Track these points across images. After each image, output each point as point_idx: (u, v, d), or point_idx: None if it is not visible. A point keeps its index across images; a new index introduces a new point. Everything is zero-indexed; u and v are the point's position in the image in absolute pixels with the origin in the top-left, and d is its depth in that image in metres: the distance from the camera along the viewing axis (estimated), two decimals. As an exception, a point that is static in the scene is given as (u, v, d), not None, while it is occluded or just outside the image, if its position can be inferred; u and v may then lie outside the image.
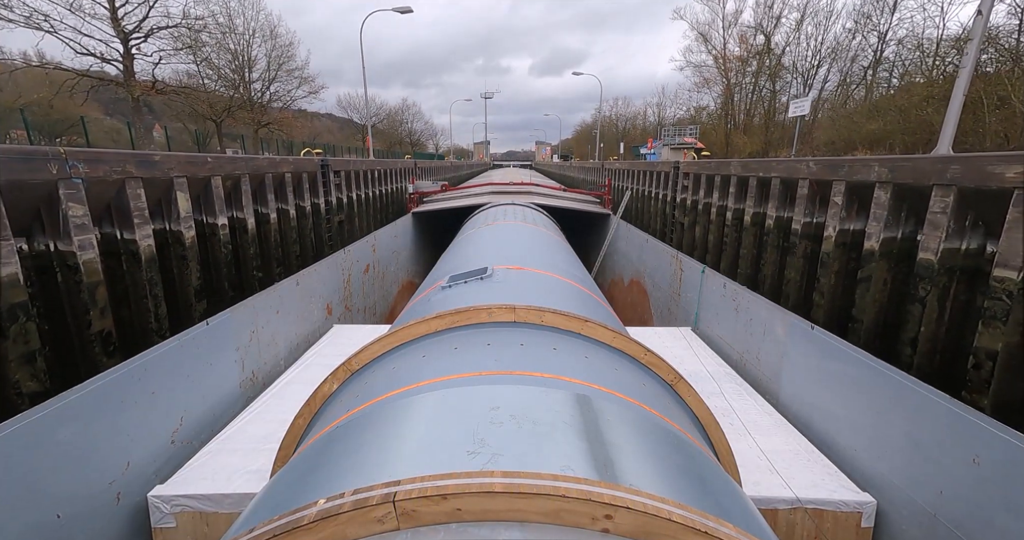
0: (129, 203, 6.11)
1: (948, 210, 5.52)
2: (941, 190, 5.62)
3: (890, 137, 16.21)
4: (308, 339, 10.39)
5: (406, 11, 21.56)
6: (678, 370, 3.55)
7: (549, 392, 2.55)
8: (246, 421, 6.72)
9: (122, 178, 6.01)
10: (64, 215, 5.25)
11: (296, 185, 11.00)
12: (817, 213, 8.07)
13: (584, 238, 22.64)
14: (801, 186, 8.29)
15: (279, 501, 2.02)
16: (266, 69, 34.23)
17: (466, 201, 20.76)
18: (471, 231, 11.04)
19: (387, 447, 2.16)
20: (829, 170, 7.54)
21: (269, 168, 9.79)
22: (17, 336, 4.75)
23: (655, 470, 2.09)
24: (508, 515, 1.57)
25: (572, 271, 7.21)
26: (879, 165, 6.49)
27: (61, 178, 5.22)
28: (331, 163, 12.93)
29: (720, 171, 11.41)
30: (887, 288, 6.52)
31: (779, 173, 8.93)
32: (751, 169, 9.94)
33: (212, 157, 7.97)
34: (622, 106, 78.19)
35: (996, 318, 4.91)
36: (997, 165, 4.95)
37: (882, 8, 26.54)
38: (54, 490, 4.57)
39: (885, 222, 6.46)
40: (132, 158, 6.16)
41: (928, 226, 5.79)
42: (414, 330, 3.68)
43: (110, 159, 5.87)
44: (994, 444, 4.29)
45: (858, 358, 5.97)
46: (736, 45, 38.42)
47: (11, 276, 4.71)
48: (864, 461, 5.79)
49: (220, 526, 5.13)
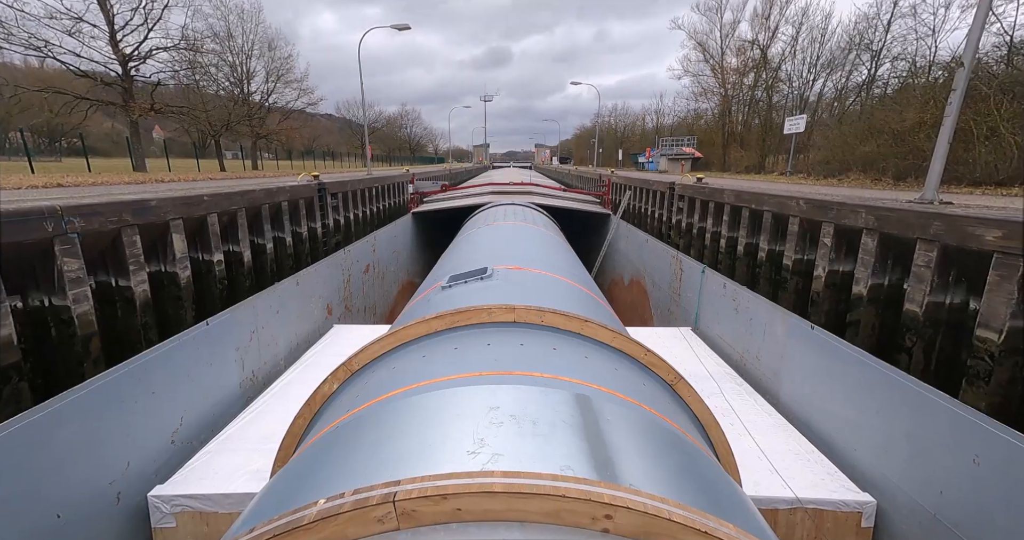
0: (125, 251, 6.06)
1: (932, 265, 5.48)
2: (925, 244, 5.57)
3: (883, 160, 16.27)
4: (308, 339, 10.39)
5: (403, 28, 21.65)
6: (678, 370, 3.55)
7: (549, 392, 2.55)
8: (246, 421, 6.73)
9: (118, 228, 5.94)
10: (59, 270, 5.17)
11: (292, 212, 10.79)
12: (808, 250, 7.99)
13: (584, 238, 22.63)
14: (792, 222, 8.22)
15: (279, 501, 2.02)
16: (264, 81, 34.42)
17: (466, 201, 20.76)
18: (471, 231, 11.04)
19: (387, 447, 2.16)
20: (818, 211, 7.48)
21: (265, 199, 9.60)
22: (9, 397, 4.71)
23: (655, 470, 2.09)
24: (508, 515, 1.57)
25: (572, 271, 7.21)
26: (866, 212, 6.44)
27: (57, 235, 5.12)
28: (328, 186, 12.64)
29: (714, 198, 11.34)
30: (875, 334, 6.46)
31: (771, 207, 8.89)
32: (744, 200, 9.90)
33: (209, 196, 7.81)
34: (621, 111, 78.35)
35: (979, 377, 4.88)
36: (978, 227, 4.95)
37: (875, 26, 26.53)
38: (54, 490, 4.57)
39: (872, 269, 6.38)
40: (128, 207, 6.08)
41: (913, 278, 5.74)
42: (414, 330, 3.68)
43: (106, 211, 5.77)
44: (994, 444, 4.29)
45: (858, 358, 5.97)
46: (733, 56, 38.53)
47: (5, 338, 4.64)
48: (864, 461, 5.80)
49: (220, 526, 5.13)
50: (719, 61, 39.35)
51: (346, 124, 76.01)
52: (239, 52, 32.52)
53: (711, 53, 39.80)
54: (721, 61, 39.27)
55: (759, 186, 13.93)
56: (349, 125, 74.38)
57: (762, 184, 17.13)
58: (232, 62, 31.44)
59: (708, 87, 41.22)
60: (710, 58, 39.89)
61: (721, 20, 38.98)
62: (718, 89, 39.38)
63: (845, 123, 22.93)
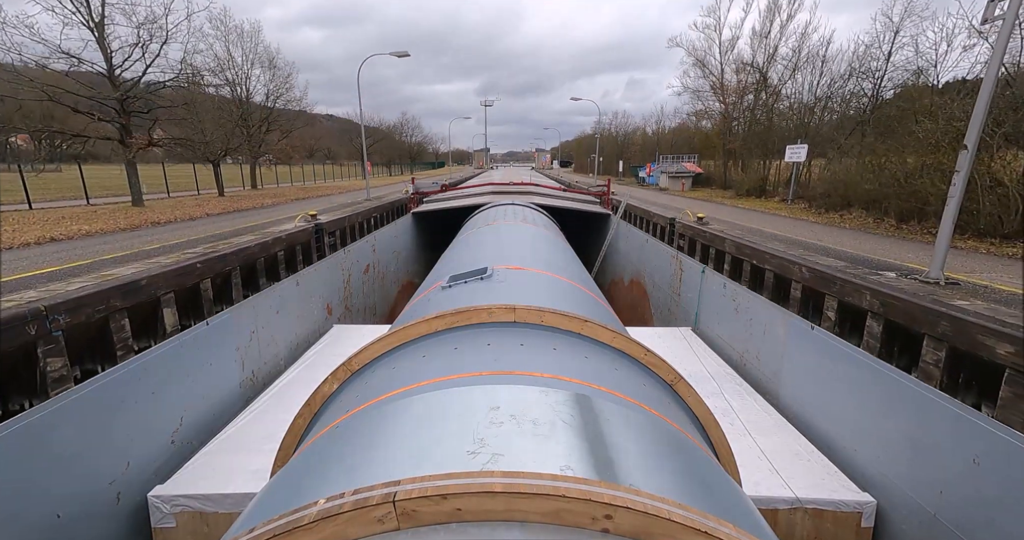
0: (112, 337, 5.64)
1: (940, 365, 5.10)
2: (933, 342, 5.21)
3: (886, 200, 16.20)
4: (308, 339, 10.39)
5: (403, 55, 21.74)
6: (678, 370, 3.55)
7: (549, 392, 2.55)
8: (246, 421, 6.73)
9: (105, 315, 5.55)
10: (42, 372, 4.79)
11: (289, 259, 10.42)
12: (812, 315, 7.47)
13: (584, 238, 22.63)
14: (795, 288, 7.80)
15: (279, 501, 2.02)
16: (264, 100, 34.65)
17: (466, 201, 20.76)
18: (471, 231, 11.04)
19: (387, 447, 2.16)
20: (821, 282, 7.09)
21: (261, 253, 9.21)
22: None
23: (655, 470, 2.09)
24: (508, 515, 1.57)
25: (572, 271, 7.20)
26: (871, 295, 6.10)
27: (40, 336, 4.76)
28: (325, 226, 12.32)
29: (714, 244, 11.05)
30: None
31: (772, 267, 8.51)
32: (745, 254, 9.57)
33: (201, 263, 7.35)
34: (621, 120, 78.21)
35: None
36: (988, 337, 4.63)
37: (877, 55, 26.30)
38: (54, 490, 4.57)
39: (878, 353, 5.97)
40: (117, 292, 5.71)
41: (920, 374, 5.33)
42: (414, 330, 3.68)
43: (93, 301, 5.39)
44: (994, 444, 4.29)
45: (858, 358, 5.97)
46: (733, 74, 38.45)
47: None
48: (864, 461, 5.79)
49: (220, 526, 5.14)
50: (719, 77, 39.32)
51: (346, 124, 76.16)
52: (239, 70, 32.86)
53: (711, 69, 39.78)
54: (721, 78, 39.23)
55: (758, 224, 13.75)
56: (350, 125, 74.53)
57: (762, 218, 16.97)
58: (231, 79, 31.70)
59: (708, 104, 41.21)
60: (709, 74, 39.87)
61: (720, 37, 39.00)
62: (719, 107, 39.28)
63: (847, 155, 22.75)
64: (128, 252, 10.96)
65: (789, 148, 24.66)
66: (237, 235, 10.99)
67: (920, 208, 14.39)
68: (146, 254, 9.03)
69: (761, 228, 13.39)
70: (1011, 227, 12.07)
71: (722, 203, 27.37)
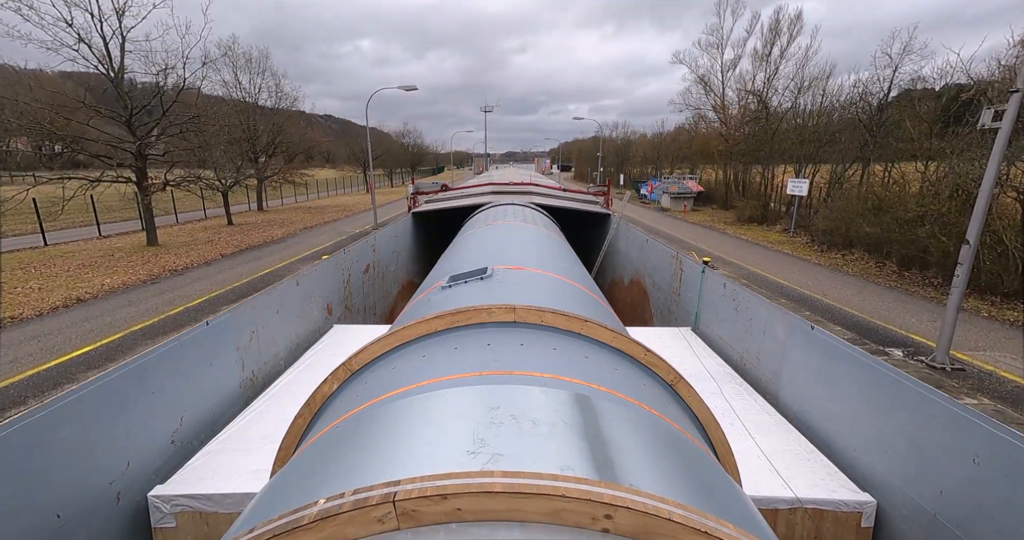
0: None
1: None
2: None
3: (888, 245, 16.17)
4: (308, 339, 10.39)
5: (411, 89, 21.74)
6: (678, 370, 3.55)
7: (549, 392, 2.55)
8: (246, 421, 6.72)
9: None
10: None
11: None
12: None
13: (584, 238, 22.63)
14: None
15: (279, 501, 2.02)
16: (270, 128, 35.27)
17: (466, 201, 20.76)
18: (471, 231, 11.04)
19: (387, 447, 2.16)
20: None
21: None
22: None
23: (655, 470, 2.09)
24: (508, 515, 1.57)
25: (572, 271, 7.20)
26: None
27: None
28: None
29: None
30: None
31: None
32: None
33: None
34: (623, 128, 78.27)
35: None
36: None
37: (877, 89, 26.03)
38: (54, 490, 4.57)
39: None
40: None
41: None
42: (414, 330, 3.68)
43: None
44: (994, 444, 4.29)
45: (858, 358, 5.97)
46: (735, 94, 38.47)
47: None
48: (864, 461, 5.79)
49: (220, 526, 5.13)
50: (720, 96, 39.34)
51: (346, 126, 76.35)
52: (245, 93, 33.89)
53: (712, 88, 39.80)
54: (722, 98, 39.27)
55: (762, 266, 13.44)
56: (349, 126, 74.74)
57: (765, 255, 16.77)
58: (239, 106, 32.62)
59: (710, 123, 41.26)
60: (710, 93, 39.90)
61: (722, 57, 39.02)
62: (721, 128, 39.28)
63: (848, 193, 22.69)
64: (155, 320, 11.61)
65: (791, 181, 24.95)
66: (253, 288, 11.48)
67: (922, 256, 14.48)
68: (173, 322, 9.10)
69: (765, 274, 13.13)
70: (1011, 286, 12.26)
71: (724, 232, 27.22)
